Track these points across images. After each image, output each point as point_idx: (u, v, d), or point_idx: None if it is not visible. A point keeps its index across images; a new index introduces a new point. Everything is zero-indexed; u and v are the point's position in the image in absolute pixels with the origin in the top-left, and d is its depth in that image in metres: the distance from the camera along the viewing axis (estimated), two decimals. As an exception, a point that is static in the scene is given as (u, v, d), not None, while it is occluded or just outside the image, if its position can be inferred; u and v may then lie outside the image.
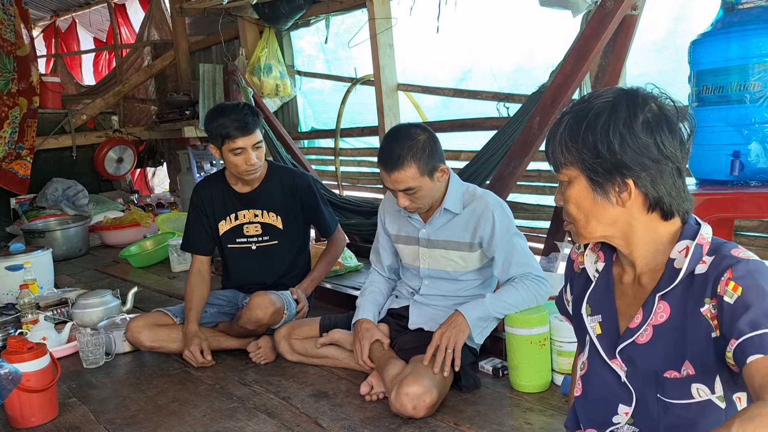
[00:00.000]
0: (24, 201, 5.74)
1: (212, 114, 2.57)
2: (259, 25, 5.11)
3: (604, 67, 2.69)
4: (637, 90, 1.15)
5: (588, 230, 1.19)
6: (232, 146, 2.50)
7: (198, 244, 2.75)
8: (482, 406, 2.04)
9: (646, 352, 1.16)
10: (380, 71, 4.17)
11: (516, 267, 2.13)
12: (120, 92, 6.70)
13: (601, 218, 1.17)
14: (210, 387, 2.38)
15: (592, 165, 1.13)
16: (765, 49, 1.90)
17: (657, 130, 1.10)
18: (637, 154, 1.10)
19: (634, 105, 1.12)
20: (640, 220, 1.15)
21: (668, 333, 1.13)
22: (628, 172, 1.11)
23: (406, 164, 2.03)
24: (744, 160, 1.97)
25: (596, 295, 1.28)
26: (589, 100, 1.16)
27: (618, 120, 1.11)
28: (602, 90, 1.18)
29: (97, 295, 3.12)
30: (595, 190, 1.15)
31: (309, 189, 2.74)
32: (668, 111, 1.13)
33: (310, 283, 2.76)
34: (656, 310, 1.15)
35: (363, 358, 2.12)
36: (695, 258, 1.12)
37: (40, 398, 2.16)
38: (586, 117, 1.13)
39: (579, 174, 1.16)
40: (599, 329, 1.25)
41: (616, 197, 1.14)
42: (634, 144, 1.10)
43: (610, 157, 1.11)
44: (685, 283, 1.13)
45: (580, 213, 1.18)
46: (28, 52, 5.75)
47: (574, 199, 1.18)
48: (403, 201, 2.11)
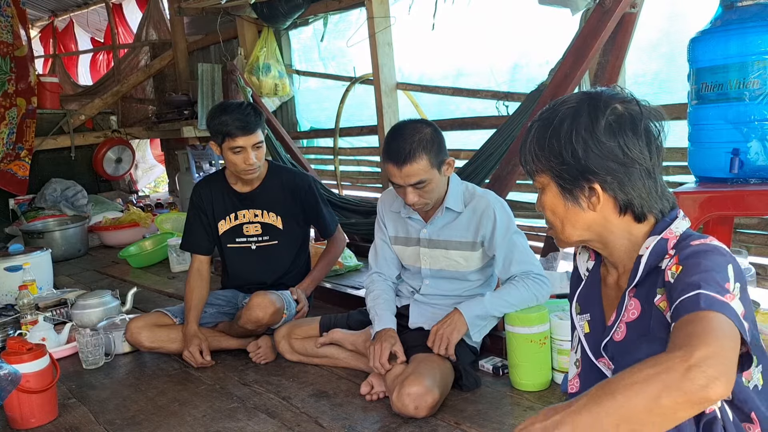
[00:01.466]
0: (23, 202, 5.73)
1: (215, 111, 2.57)
2: (258, 24, 5.10)
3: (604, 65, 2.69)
4: (600, 93, 1.15)
5: (565, 235, 1.21)
6: (232, 144, 2.49)
7: (197, 244, 2.75)
8: (483, 405, 2.04)
9: (623, 349, 1.17)
10: (379, 70, 4.17)
11: (517, 265, 2.13)
12: (118, 92, 6.70)
13: (576, 223, 1.18)
14: (210, 387, 2.37)
15: (559, 172, 1.15)
16: (764, 46, 1.90)
17: (620, 133, 1.11)
18: (601, 159, 1.11)
19: (596, 109, 1.12)
20: (614, 223, 1.16)
21: (639, 329, 1.14)
22: (593, 177, 1.13)
23: (417, 157, 2.02)
24: (743, 157, 1.97)
25: (585, 295, 1.30)
26: (555, 107, 1.17)
27: (580, 125, 1.12)
28: (567, 96, 1.19)
29: (97, 295, 3.12)
30: (566, 197, 1.17)
31: (309, 189, 2.74)
32: (633, 111, 1.13)
33: (310, 283, 2.76)
34: (627, 307, 1.17)
35: (381, 360, 2.06)
36: (657, 251, 1.13)
37: (40, 399, 2.16)
38: (551, 124, 1.15)
39: (550, 181, 1.18)
40: (587, 328, 1.27)
41: (587, 202, 1.15)
42: (597, 149, 1.11)
43: (575, 163, 1.12)
44: (651, 279, 1.14)
45: (556, 219, 1.21)
46: (26, 53, 5.74)
47: (548, 206, 1.21)
48: (412, 197, 2.08)
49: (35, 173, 5.79)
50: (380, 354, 2.07)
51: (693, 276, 1.01)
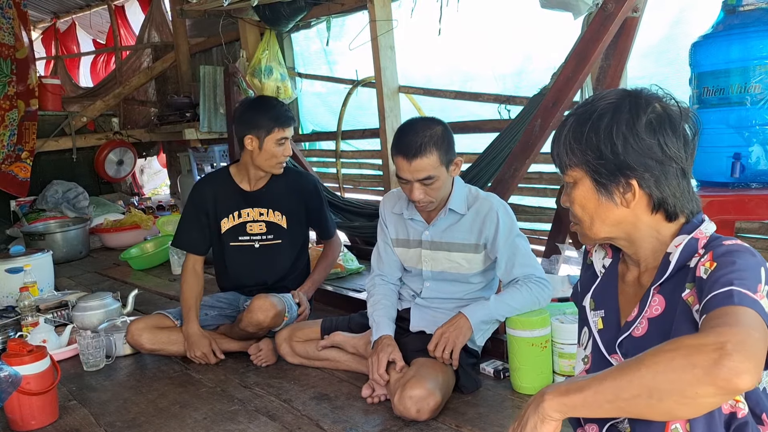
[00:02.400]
0: (24, 203, 5.74)
1: (259, 105, 2.64)
2: (260, 26, 5.11)
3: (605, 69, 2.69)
4: (641, 91, 1.16)
5: (593, 231, 1.20)
6: (280, 135, 2.56)
7: (194, 243, 2.75)
8: (483, 408, 2.03)
9: (641, 345, 1.17)
10: (381, 73, 4.17)
11: (519, 268, 2.13)
12: (120, 94, 6.71)
13: (606, 219, 1.18)
14: (211, 390, 2.37)
15: (595, 166, 1.14)
16: (766, 51, 1.90)
17: (660, 131, 1.12)
18: (640, 155, 1.11)
19: (637, 106, 1.13)
20: (645, 221, 1.17)
21: (662, 325, 1.14)
22: (631, 173, 1.13)
23: (427, 151, 2.01)
24: (745, 162, 1.97)
25: (601, 291, 1.30)
26: (593, 102, 1.17)
27: (621, 121, 1.12)
28: (606, 91, 1.19)
29: (98, 297, 3.12)
30: (600, 191, 1.16)
31: (314, 190, 2.75)
32: (672, 112, 1.14)
33: (311, 286, 2.76)
34: (651, 303, 1.17)
35: (379, 372, 2.06)
36: (688, 250, 1.13)
37: (40, 401, 2.15)
38: (589, 118, 1.15)
39: (584, 175, 1.17)
40: (601, 324, 1.27)
41: (621, 198, 1.15)
42: (637, 145, 1.11)
43: (614, 158, 1.12)
44: (678, 276, 1.14)
45: (585, 214, 1.20)
46: (26, 55, 5.75)
47: (579, 201, 1.20)
48: (418, 194, 2.07)
49: (37, 175, 5.80)
50: (377, 365, 2.07)
51: (727, 273, 1.02)
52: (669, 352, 0.92)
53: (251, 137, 2.58)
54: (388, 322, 2.19)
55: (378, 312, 2.22)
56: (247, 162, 2.65)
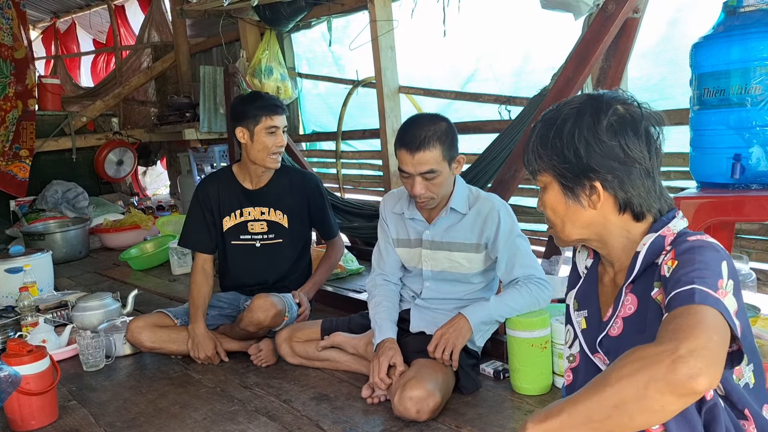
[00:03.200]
0: (24, 203, 5.73)
1: (247, 97, 2.70)
2: (260, 27, 5.11)
3: (606, 70, 2.69)
4: (602, 95, 1.19)
5: (565, 234, 1.24)
6: (269, 123, 2.56)
7: (202, 242, 2.75)
8: (483, 409, 2.03)
9: (619, 344, 1.19)
10: (382, 74, 4.17)
11: (519, 269, 2.13)
12: (120, 94, 6.70)
13: (576, 221, 1.22)
14: (211, 390, 2.37)
15: (561, 170, 1.18)
16: (766, 52, 1.89)
17: (621, 133, 1.15)
18: (602, 158, 1.15)
19: (598, 110, 1.16)
20: (613, 222, 1.20)
21: (636, 324, 1.17)
22: (595, 175, 1.16)
23: (431, 145, 2.02)
24: (745, 163, 1.97)
25: (583, 291, 1.33)
26: (558, 108, 1.21)
27: (583, 125, 1.16)
28: (571, 97, 1.23)
29: (97, 297, 3.12)
30: (567, 195, 1.20)
31: (317, 190, 2.76)
32: (633, 113, 1.17)
33: (312, 286, 2.76)
34: (624, 302, 1.20)
35: (380, 376, 2.06)
36: (654, 248, 1.16)
37: (40, 401, 2.15)
38: (554, 124, 1.19)
39: (552, 179, 1.22)
40: (584, 324, 1.30)
41: (587, 200, 1.19)
42: (599, 148, 1.14)
43: (577, 161, 1.16)
44: (648, 274, 1.16)
45: (557, 217, 1.24)
46: (25, 55, 5.75)
47: (549, 204, 1.24)
48: (420, 188, 2.07)
49: (36, 175, 5.79)
50: (378, 369, 2.06)
51: (688, 271, 1.04)
52: (629, 368, 0.93)
53: (241, 129, 2.60)
54: (390, 325, 2.19)
55: (380, 314, 2.22)
56: (246, 159, 2.67)
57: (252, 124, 2.57)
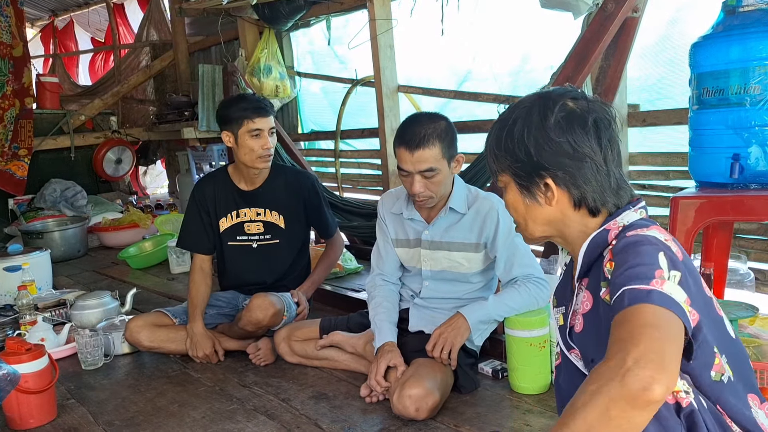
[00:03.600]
0: (22, 202, 5.72)
1: (230, 100, 2.67)
2: (259, 25, 5.10)
3: (605, 69, 2.69)
4: (550, 93, 1.21)
5: (529, 231, 1.26)
6: (252, 127, 2.53)
7: (199, 243, 2.75)
8: (482, 408, 2.04)
9: (583, 340, 1.21)
10: (381, 73, 4.17)
11: (518, 268, 2.13)
12: (119, 93, 6.69)
13: (536, 219, 1.23)
14: (209, 388, 2.37)
15: (515, 170, 1.20)
16: (765, 52, 1.90)
17: (569, 130, 1.15)
18: (552, 155, 1.16)
19: (545, 107, 1.17)
20: (571, 218, 1.21)
21: (594, 321, 1.17)
22: (546, 172, 1.17)
23: (430, 143, 2.02)
24: (744, 163, 1.97)
25: (560, 288, 1.35)
26: (511, 109, 1.23)
27: (531, 124, 1.17)
28: (524, 97, 1.24)
29: (96, 296, 3.12)
30: (524, 193, 1.22)
31: (313, 189, 2.75)
32: (582, 108, 1.17)
33: (311, 285, 2.76)
34: (582, 299, 1.21)
35: (376, 378, 2.06)
36: (595, 243, 1.17)
37: (39, 399, 2.15)
38: (506, 125, 1.21)
39: (509, 179, 1.24)
40: (561, 320, 1.31)
41: (543, 197, 1.20)
42: (548, 146, 1.16)
43: (528, 160, 1.18)
44: (598, 270, 1.17)
45: (519, 216, 1.26)
46: (22, 53, 5.74)
47: (511, 204, 1.26)
48: (419, 186, 2.06)
49: (35, 173, 5.78)
50: (376, 371, 2.06)
51: (620, 273, 1.04)
52: (589, 392, 0.92)
53: (226, 134, 2.60)
54: (390, 327, 2.19)
55: (380, 316, 2.21)
56: (237, 160, 2.66)
57: (236, 128, 2.55)
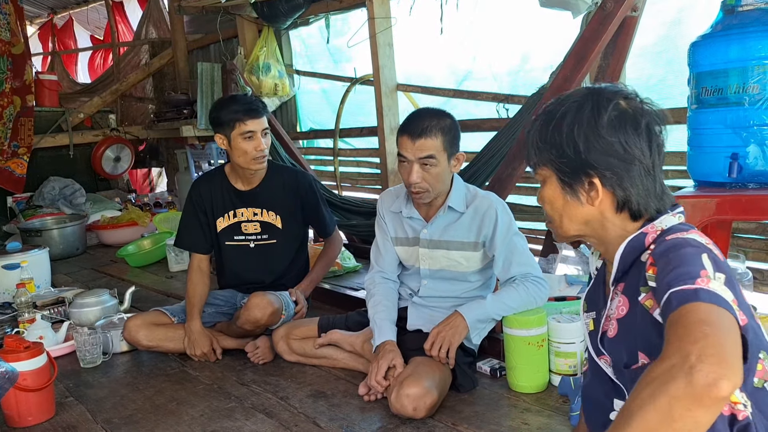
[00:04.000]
0: (21, 200, 5.72)
1: (221, 102, 2.64)
2: (258, 23, 5.10)
3: (604, 68, 2.69)
4: (604, 89, 1.17)
5: (563, 229, 1.23)
6: (244, 129, 2.51)
7: (195, 243, 2.75)
8: (480, 407, 2.04)
9: (615, 345, 1.18)
10: (380, 71, 4.17)
11: (517, 267, 2.13)
12: (117, 90, 6.69)
13: (573, 217, 1.20)
14: (208, 387, 2.37)
15: (559, 165, 1.17)
16: (764, 51, 1.90)
17: (621, 130, 1.12)
18: (601, 154, 1.12)
19: (599, 104, 1.14)
20: (611, 220, 1.17)
21: (629, 326, 1.15)
22: (593, 171, 1.14)
23: (433, 134, 2.05)
24: (742, 162, 1.97)
25: (592, 293, 1.31)
26: (559, 101, 1.19)
27: (582, 120, 1.13)
28: (573, 90, 1.21)
29: (95, 294, 3.12)
30: (565, 190, 1.18)
31: (310, 188, 2.74)
32: (635, 109, 1.14)
33: (309, 284, 2.76)
34: (617, 303, 1.18)
35: (377, 378, 2.06)
36: (632, 247, 1.14)
37: (37, 397, 2.15)
38: (553, 118, 1.17)
39: (551, 174, 1.20)
40: (592, 325, 1.28)
41: (586, 196, 1.17)
42: (598, 144, 1.12)
43: (575, 157, 1.14)
44: (635, 274, 1.14)
45: (555, 212, 1.23)
46: (22, 50, 5.74)
47: (548, 199, 1.22)
48: (416, 176, 2.07)
49: (33, 171, 5.78)
50: (377, 371, 2.06)
51: (664, 276, 1.01)
52: (646, 393, 0.88)
53: (219, 136, 2.59)
54: (390, 326, 2.19)
55: (379, 314, 2.21)
56: (232, 162, 2.66)
57: (228, 130, 2.54)
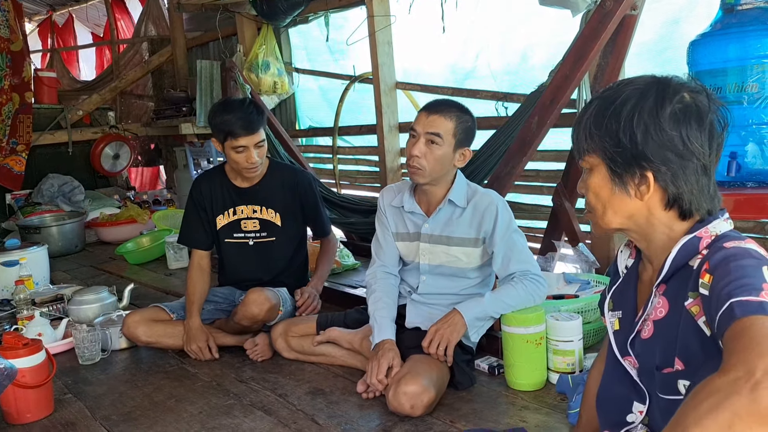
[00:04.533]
0: (19, 197, 5.72)
1: (217, 109, 2.58)
2: (257, 21, 5.10)
3: (603, 67, 2.69)
4: (670, 79, 1.10)
5: (605, 221, 1.16)
6: (235, 144, 2.50)
7: (196, 239, 2.75)
8: (478, 404, 2.04)
9: (648, 347, 1.13)
10: (379, 69, 4.17)
11: (515, 264, 2.13)
12: (116, 88, 6.68)
13: (618, 210, 1.14)
14: (206, 384, 2.37)
15: (612, 154, 1.10)
16: (763, 50, 1.91)
17: (684, 123, 1.05)
18: (659, 147, 1.06)
19: (663, 95, 1.07)
20: (657, 217, 1.12)
21: (666, 329, 1.10)
22: (648, 164, 1.07)
23: (449, 116, 2.11)
24: (741, 161, 1.98)
25: (620, 292, 1.26)
26: (619, 87, 1.12)
27: (644, 109, 1.06)
28: (634, 77, 1.13)
29: (93, 291, 3.12)
30: (614, 181, 1.12)
31: (309, 187, 2.74)
32: (700, 103, 1.08)
33: (318, 280, 2.76)
34: (655, 305, 1.13)
35: (378, 377, 2.05)
36: (686, 250, 1.08)
37: (36, 394, 2.15)
38: (612, 104, 1.09)
39: (600, 162, 1.13)
40: (617, 325, 1.23)
41: (635, 190, 1.11)
42: (657, 136, 1.06)
43: (632, 147, 1.07)
44: (681, 277, 1.09)
45: (598, 202, 1.16)
46: (21, 47, 5.73)
47: (593, 188, 1.15)
48: (418, 148, 2.10)
49: (32, 168, 5.78)
50: (377, 371, 2.06)
51: (724, 286, 0.95)
52: (705, 406, 0.82)
53: (215, 140, 2.60)
54: (389, 324, 2.18)
55: (380, 312, 2.21)
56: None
57: (221, 139, 2.54)
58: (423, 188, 2.22)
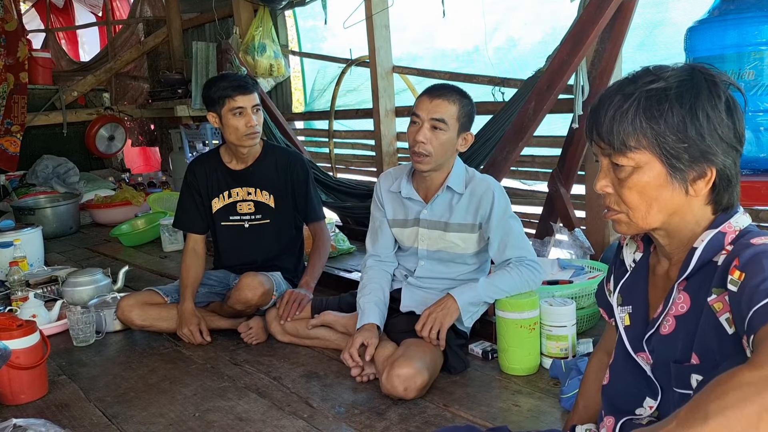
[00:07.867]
0: (14, 178, 5.69)
1: (212, 80, 2.64)
2: (254, 3, 5.05)
3: (600, 53, 2.68)
4: (707, 67, 1.05)
5: (647, 221, 1.08)
6: (233, 105, 2.51)
7: (191, 223, 2.75)
8: (471, 388, 2.06)
9: (667, 342, 1.11)
10: (376, 53, 4.14)
11: (512, 249, 2.14)
12: (111, 69, 6.63)
13: (664, 207, 1.07)
14: (201, 366, 2.38)
15: (676, 150, 1.02)
16: (761, 37, 1.90)
17: (735, 113, 1.02)
18: (721, 140, 1.01)
19: (715, 86, 1.02)
20: (694, 212, 1.07)
21: (687, 325, 1.07)
22: (714, 158, 1.02)
23: (452, 100, 2.09)
24: (736, 148, 1.97)
25: (629, 285, 1.23)
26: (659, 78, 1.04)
27: (703, 101, 1.01)
28: (665, 67, 1.06)
29: (88, 273, 3.12)
30: (674, 177, 1.04)
31: (302, 168, 2.72)
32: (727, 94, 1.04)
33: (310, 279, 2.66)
34: (676, 300, 1.09)
35: (350, 350, 2.08)
36: (712, 246, 1.05)
37: (30, 375, 2.16)
38: (666, 97, 1.02)
39: (652, 158, 1.04)
40: (628, 320, 1.21)
41: (691, 186, 1.04)
42: (720, 128, 1.01)
43: (700, 141, 1.01)
44: (703, 273, 1.06)
45: (643, 201, 1.07)
46: (15, 27, 5.67)
47: (639, 186, 1.06)
48: (423, 134, 2.08)
49: (27, 149, 5.75)
50: (351, 344, 2.08)
51: (760, 282, 0.91)
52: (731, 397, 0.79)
53: (211, 114, 2.60)
54: (373, 309, 2.19)
55: (365, 297, 2.23)
56: (226, 140, 2.65)
57: (219, 108, 2.54)
58: (423, 175, 2.21)
